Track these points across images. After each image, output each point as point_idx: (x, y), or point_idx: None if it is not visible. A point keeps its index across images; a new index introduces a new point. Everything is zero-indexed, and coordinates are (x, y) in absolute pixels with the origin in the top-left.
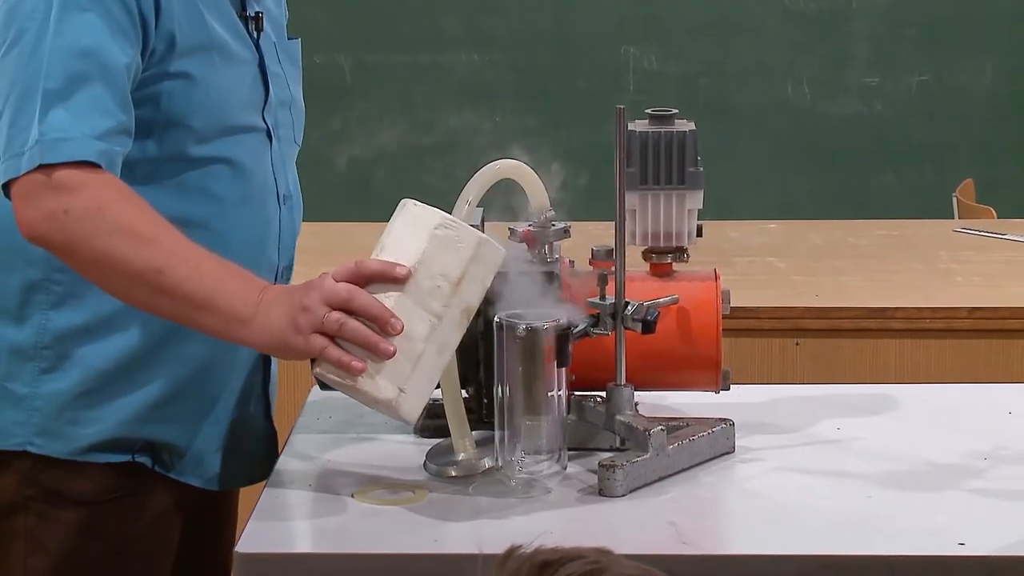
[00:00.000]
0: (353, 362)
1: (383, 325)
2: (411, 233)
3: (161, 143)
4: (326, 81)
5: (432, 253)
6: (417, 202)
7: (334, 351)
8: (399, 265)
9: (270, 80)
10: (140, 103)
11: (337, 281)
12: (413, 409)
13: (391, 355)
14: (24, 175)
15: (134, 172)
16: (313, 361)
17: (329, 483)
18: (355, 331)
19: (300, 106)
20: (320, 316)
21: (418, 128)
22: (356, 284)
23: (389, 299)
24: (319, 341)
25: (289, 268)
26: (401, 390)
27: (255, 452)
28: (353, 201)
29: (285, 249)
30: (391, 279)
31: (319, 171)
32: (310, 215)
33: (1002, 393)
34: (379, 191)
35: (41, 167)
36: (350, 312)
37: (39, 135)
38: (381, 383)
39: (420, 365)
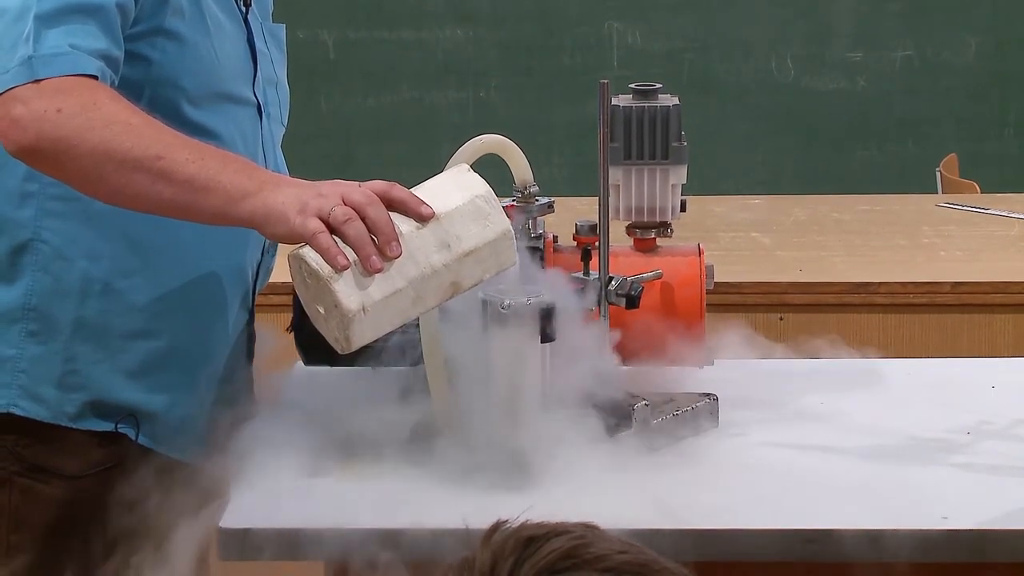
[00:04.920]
0: (339, 256)
1: (384, 243)
2: (453, 189)
3: (153, 103)
4: (310, 57)
5: (462, 214)
6: (473, 171)
7: (326, 238)
8: (427, 206)
9: (258, 57)
10: (132, 59)
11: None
12: (361, 335)
13: (376, 270)
14: (13, 88)
15: None
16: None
17: (313, 457)
18: (357, 231)
19: (285, 88)
20: (330, 205)
21: (402, 104)
22: (382, 201)
23: (401, 228)
24: (316, 224)
25: (275, 244)
26: (364, 309)
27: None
28: (336, 177)
29: None
30: (414, 213)
31: (302, 146)
32: None
33: (985, 367)
34: (362, 167)
35: (35, 81)
36: (360, 217)
37: (32, 52)
38: (352, 292)
39: (392, 300)
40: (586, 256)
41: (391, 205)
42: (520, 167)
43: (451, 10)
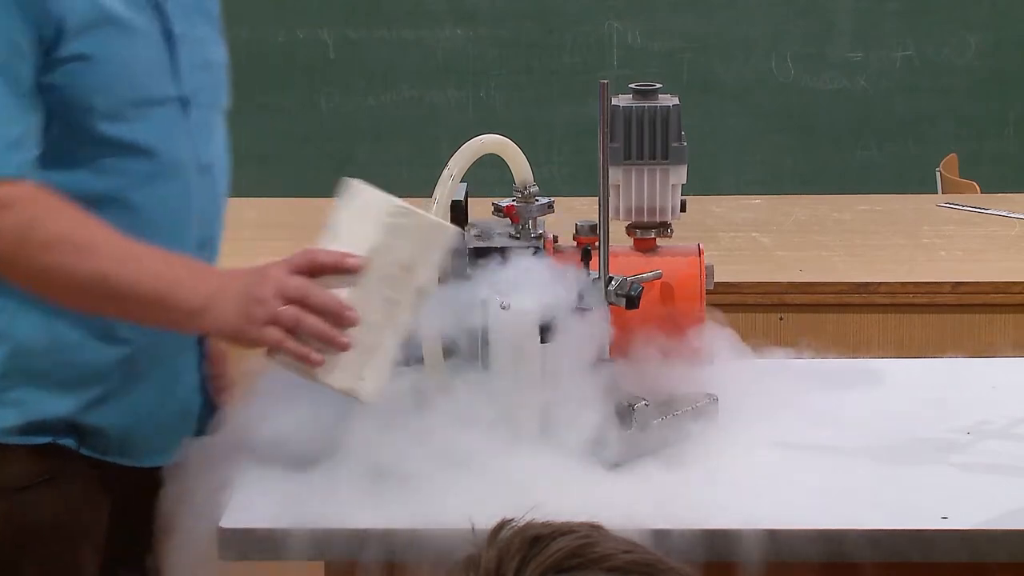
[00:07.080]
0: (311, 355)
1: (338, 319)
2: (362, 220)
3: (66, 125)
4: (310, 56)
5: (385, 241)
6: (365, 184)
7: (292, 344)
8: (351, 256)
9: (178, 45)
10: (39, 91)
11: (291, 273)
12: (374, 392)
13: (347, 348)
14: None
15: (42, 156)
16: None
17: (313, 456)
18: (312, 327)
19: (221, 66)
20: (275, 309)
21: (402, 104)
22: (310, 274)
23: (343, 292)
24: (275, 334)
25: (212, 239)
26: (360, 377)
27: (185, 428)
28: (336, 176)
29: (206, 221)
30: (344, 270)
31: (302, 146)
32: (292, 190)
33: (985, 368)
34: (362, 166)
35: None
36: (305, 307)
37: None
38: (340, 374)
39: (377, 351)
40: (586, 256)
41: (321, 272)
42: (520, 167)
43: (451, 10)
